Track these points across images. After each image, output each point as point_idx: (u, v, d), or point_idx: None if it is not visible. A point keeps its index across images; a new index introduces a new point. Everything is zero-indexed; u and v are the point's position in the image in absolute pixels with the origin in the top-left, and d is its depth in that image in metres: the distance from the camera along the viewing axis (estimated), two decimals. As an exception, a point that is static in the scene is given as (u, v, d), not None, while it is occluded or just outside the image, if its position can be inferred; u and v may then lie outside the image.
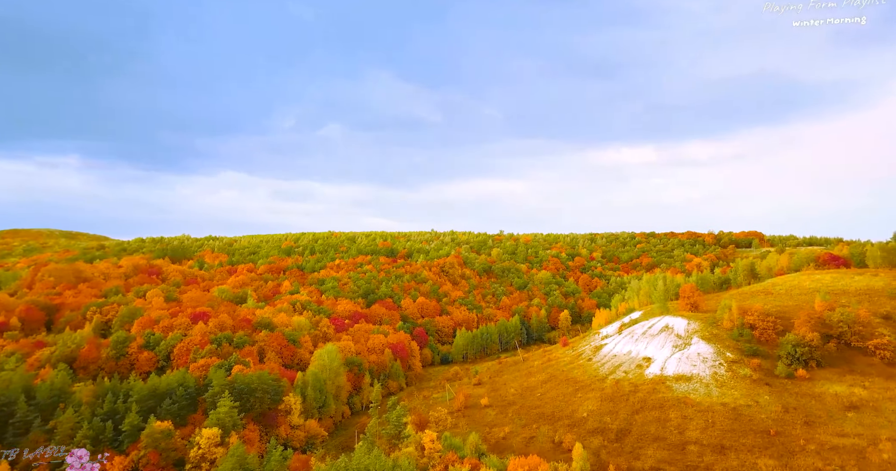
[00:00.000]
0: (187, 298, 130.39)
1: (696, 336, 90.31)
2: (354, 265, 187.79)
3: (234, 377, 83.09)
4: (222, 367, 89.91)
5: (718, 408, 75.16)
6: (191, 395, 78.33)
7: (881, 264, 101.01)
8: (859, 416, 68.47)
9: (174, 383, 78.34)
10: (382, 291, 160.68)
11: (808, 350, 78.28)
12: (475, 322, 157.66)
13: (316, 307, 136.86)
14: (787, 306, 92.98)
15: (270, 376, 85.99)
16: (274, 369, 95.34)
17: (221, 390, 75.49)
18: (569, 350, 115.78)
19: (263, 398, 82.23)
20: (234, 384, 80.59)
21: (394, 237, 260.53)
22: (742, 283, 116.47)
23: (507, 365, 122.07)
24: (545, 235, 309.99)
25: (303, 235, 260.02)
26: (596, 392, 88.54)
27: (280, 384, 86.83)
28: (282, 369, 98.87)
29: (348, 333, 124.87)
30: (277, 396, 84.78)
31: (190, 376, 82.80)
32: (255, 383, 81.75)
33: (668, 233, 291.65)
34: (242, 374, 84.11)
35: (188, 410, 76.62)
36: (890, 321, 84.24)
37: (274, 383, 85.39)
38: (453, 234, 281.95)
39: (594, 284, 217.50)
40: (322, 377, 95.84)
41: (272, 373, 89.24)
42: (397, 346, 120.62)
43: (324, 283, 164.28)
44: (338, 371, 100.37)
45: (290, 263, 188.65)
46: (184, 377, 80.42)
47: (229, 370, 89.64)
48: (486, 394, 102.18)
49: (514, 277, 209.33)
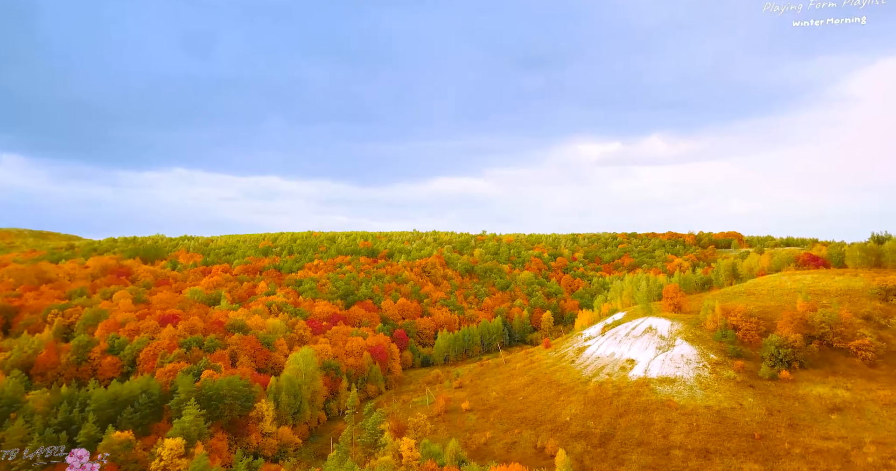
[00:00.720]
0: (157, 299, 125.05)
1: (680, 337, 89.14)
2: (334, 266, 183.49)
3: (203, 383, 78.96)
4: (191, 372, 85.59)
5: (703, 411, 73.86)
6: (155, 402, 74.02)
7: (860, 265, 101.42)
8: (843, 418, 67.74)
9: (137, 389, 73.92)
10: (362, 292, 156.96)
11: (792, 351, 77.58)
12: (457, 323, 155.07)
13: (292, 309, 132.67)
14: (769, 307, 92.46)
15: (242, 382, 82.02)
16: (246, 373, 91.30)
17: (188, 398, 71.35)
18: (551, 352, 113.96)
19: (234, 405, 78.28)
20: (203, 391, 76.49)
21: (375, 237, 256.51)
22: (724, 283, 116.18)
23: (489, 367, 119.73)
24: (527, 235, 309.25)
25: (281, 235, 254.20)
26: (579, 395, 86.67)
27: (252, 390, 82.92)
28: (255, 373, 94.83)
29: (326, 335, 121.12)
30: (249, 402, 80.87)
31: (155, 382, 78.40)
32: (224, 389, 77.76)
33: (649, 233, 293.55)
34: (212, 379, 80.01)
35: (152, 418, 72.35)
36: (870, 322, 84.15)
37: (245, 388, 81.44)
38: (435, 234, 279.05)
39: (576, 285, 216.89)
40: (297, 382, 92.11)
41: (244, 378, 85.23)
42: (376, 349, 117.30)
43: (301, 284, 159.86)
44: (313, 375, 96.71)
45: (266, 263, 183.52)
46: (148, 384, 76.02)
47: (198, 376, 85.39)
48: (467, 398, 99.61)
49: (496, 277, 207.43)
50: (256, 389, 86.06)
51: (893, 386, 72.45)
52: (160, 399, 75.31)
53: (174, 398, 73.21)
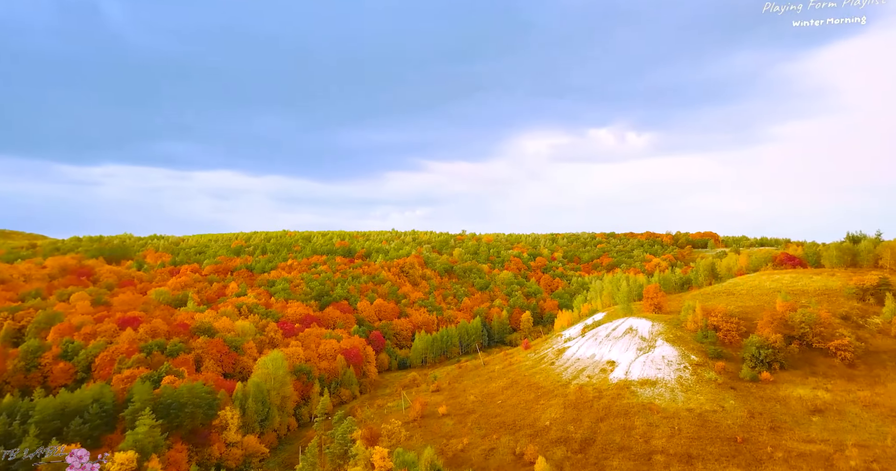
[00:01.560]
0: (118, 301, 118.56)
1: (661, 338, 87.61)
2: (308, 266, 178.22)
3: (163, 390, 73.96)
4: (150, 379, 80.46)
5: (684, 414, 72.19)
6: (108, 412, 68.80)
7: (836, 264, 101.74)
8: (824, 420, 66.77)
9: (88, 398, 68.61)
10: (337, 292, 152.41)
11: (772, 352, 76.62)
12: (435, 324, 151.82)
13: (263, 310, 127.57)
14: (748, 307, 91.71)
15: (205, 388, 77.23)
16: (211, 379, 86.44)
17: (143, 406, 66.40)
18: (531, 353, 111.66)
19: (195, 413, 73.48)
20: (161, 399, 71.53)
21: (352, 236, 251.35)
22: (703, 283, 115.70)
23: (468, 370, 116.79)
24: (507, 234, 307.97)
25: (255, 234, 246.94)
26: (559, 399, 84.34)
27: (216, 397, 78.17)
28: (220, 378, 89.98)
29: (298, 338, 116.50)
30: (212, 410, 76.15)
31: (109, 389, 73.06)
32: (185, 397, 72.93)
33: (627, 233, 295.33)
34: (171, 387, 75.05)
35: (103, 430, 67.18)
36: (848, 321, 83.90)
37: (208, 395, 76.68)
38: (414, 233, 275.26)
39: (556, 285, 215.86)
40: (265, 387, 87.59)
41: (208, 384, 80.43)
42: (351, 351, 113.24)
43: (274, 284, 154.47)
44: (283, 380, 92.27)
45: (238, 263, 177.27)
46: (101, 392, 70.71)
47: (158, 382, 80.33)
48: (444, 401, 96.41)
49: (475, 277, 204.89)
50: (221, 395, 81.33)
51: (872, 387, 71.98)
52: (114, 408, 70.11)
53: (129, 407, 68.13)
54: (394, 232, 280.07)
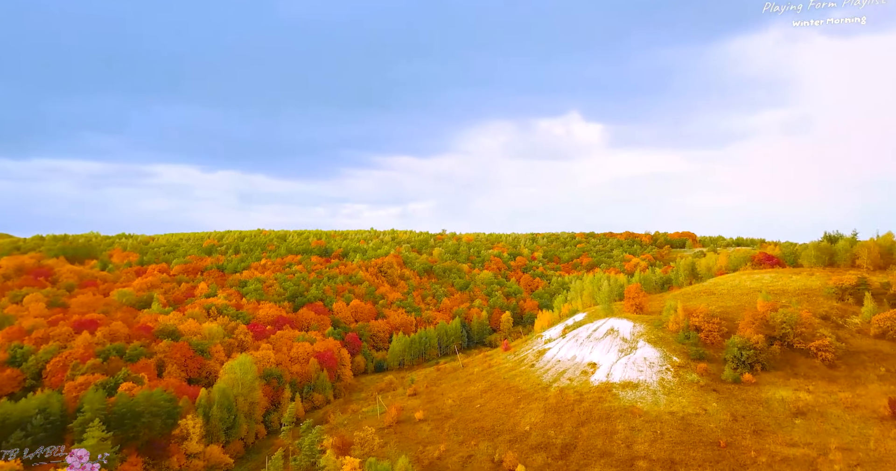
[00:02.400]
0: (77, 303, 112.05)
1: (642, 339, 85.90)
2: (282, 265, 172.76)
3: (118, 399, 68.91)
4: (106, 386, 75.20)
5: (667, 417, 70.36)
6: (55, 423, 63.61)
7: (815, 264, 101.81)
8: (807, 423, 65.60)
9: (32, 408, 63.31)
10: (312, 293, 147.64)
11: (754, 353, 75.47)
12: (413, 326, 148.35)
13: (234, 312, 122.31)
14: (730, 307, 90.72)
15: (164, 395, 72.35)
16: (173, 385, 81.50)
17: (93, 417, 61.40)
18: (510, 355, 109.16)
19: (152, 423, 68.64)
20: (115, 408, 66.54)
21: (329, 236, 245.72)
22: (683, 283, 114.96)
23: (446, 372, 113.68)
24: (487, 234, 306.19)
25: (228, 233, 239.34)
26: (539, 402, 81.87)
27: (176, 405, 73.34)
28: (184, 384, 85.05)
29: (269, 340, 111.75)
30: (171, 419, 71.35)
31: (57, 398, 67.75)
32: (141, 406, 68.03)
33: (606, 233, 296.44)
34: (127, 394, 70.04)
35: (49, 442, 61.84)
36: (828, 321, 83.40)
37: (168, 403, 71.83)
38: (394, 232, 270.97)
39: (536, 285, 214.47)
40: (231, 393, 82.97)
41: (168, 390, 75.53)
42: (325, 354, 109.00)
43: (246, 284, 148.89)
44: (252, 385, 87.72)
45: (209, 262, 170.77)
46: (47, 401, 65.40)
47: (115, 389, 75.09)
48: (421, 406, 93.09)
49: (455, 277, 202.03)
50: (184, 403, 76.51)
51: (853, 388, 71.24)
52: (62, 419, 64.91)
53: (78, 418, 63.02)
54: (372, 231, 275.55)
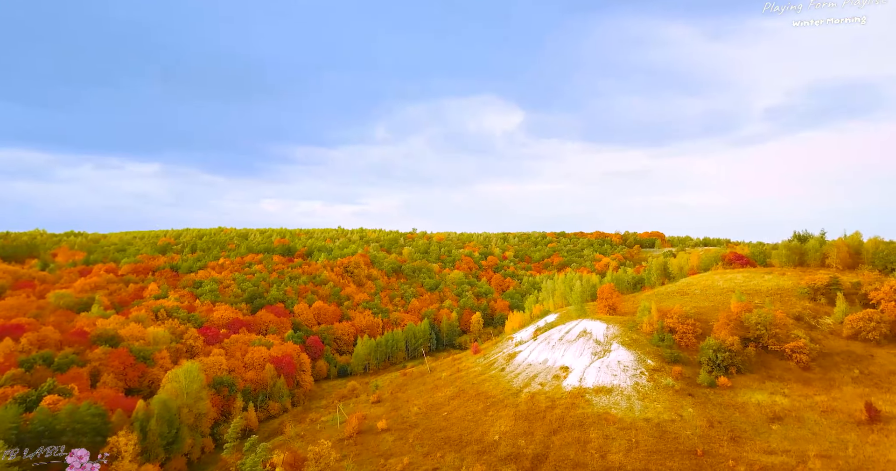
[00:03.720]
0: (4, 306, 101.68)
1: (616, 342, 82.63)
2: (241, 265, 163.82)
3: (35, 415, 60.87)
4: (26, 399, 66.83)
5: (642, 424, 66.93)
6: (-43, 446, 55.17)
7: (785, 263, 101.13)
8: (784, 429, 63.16)
9: (-70, 430, 54.78)
10: (272, 294, 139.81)
11: (729, 355, 73.04)
12: (380, 328, 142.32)
13: (185, 314, 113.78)
14: (703, 307, 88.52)
15: (92, 410, 64.53)
16: (107, 397, 73.53)
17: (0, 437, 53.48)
18: (480, 359, 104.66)
19: (77, 442, 60.78)
20: (30, 426, 58.59)
21: (294, 234, 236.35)
22: (656, 282, 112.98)
23: (413, 377, 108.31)
24: (458, 233, 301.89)
25: (186, 231, 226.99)
26: (509, 409, 77.44)
27: (106, 420, 65.62)
28: (120, 396, 77.04)
29: (222, 345, 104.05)
30: (100, 436, 63.63)
31: (-37, 416, 59.14)
32: (63, 423, 60.23)
33: (577, 233, 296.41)
34: (48, 409, 62.04)
35: (-52, 469, 53.63)
36: (801, 322, 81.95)
37: (96, 418, 64.07)
38: (362, 231, 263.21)
39: (507, 285, 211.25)
40: (175, 404, 75.42)
41: (99, 403, 67.64)
42: (283, 359, 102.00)
43: (201, 285, 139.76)
44: (198, 395, 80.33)
45: (162, 262, 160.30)
46: (-51, 420, 56.85)
47: (37, 403, 66.74)
48: (384, 414, 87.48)
49: (425, 277, 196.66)
50: (117, 417, 68.75)
51: (828, 391, 69.46)
52: (-34, 441, 56.47)
53: (-16, 439, 54.85)
54: (339, 230, 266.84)
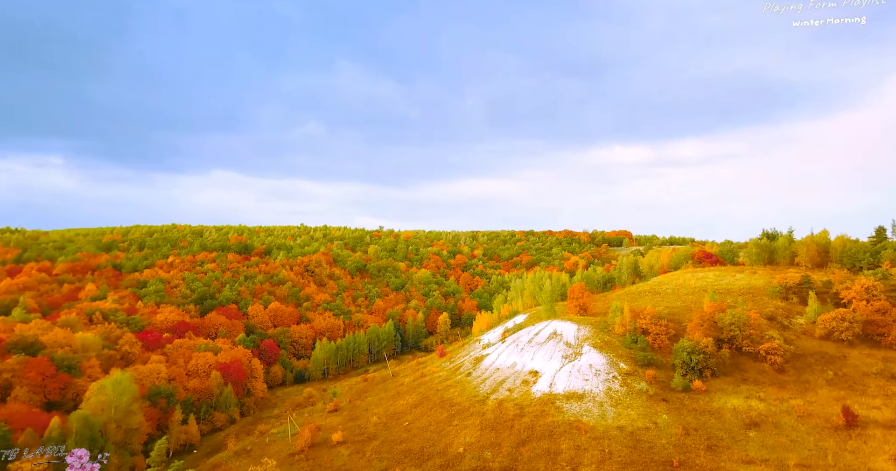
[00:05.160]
0: None
1: (588, 344, 78.52)
2: (193, 264, 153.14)
3: (-80, 440, 51.70)
4: (-86, 420, 57.14)
5: (615, 433, 62.74)
6: None
7: (755, 261, 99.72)
8: (762, 436, 60.07)
9: None
10: (225, 295, 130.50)
11: (703, 358, 69.89)
12: (341, 330, 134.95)
13: (124, 317, 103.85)
14: (676, 307, 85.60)
15: (-6, 431, 55.65)
16: (17, 412, 64.33)
17: None
18: (446, 362, 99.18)
19: (-29, 470, 52.02)
20: (-89, 454, 49.34)
21: (252, 232, 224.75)
22: (626, 281, 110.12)
23: (374, 383, 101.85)
24: (427, 231, 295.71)
25: (135, 228, 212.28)
26: (475, 418, 72.15)
27: (9, 442, 56.75)
28: (35, 411, 67.89)
29: (164, 351, 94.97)
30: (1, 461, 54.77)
31: None
32: (-47, 449, 51.16)
33: (546, 231, 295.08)
34: (-64, 433, 52.89)
35: None
36: (774, 322, 79.81)
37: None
38: (326, 229, 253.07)
39: (475, 284, 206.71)
40: (98, 420, 66.79)
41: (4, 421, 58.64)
42: (231, 366, 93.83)
43: (145, 285, 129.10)
44: (129, 408, 71.75)
45: (104, 260, 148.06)
46: None
47: (-71, 424, 57.23)
48: (341, 425, 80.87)
49: (391, 276, 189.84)
50: (26, 436, 59.88)
51: (804, 394, 67.07)
52: None
53: None
54: (302, 227, 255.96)
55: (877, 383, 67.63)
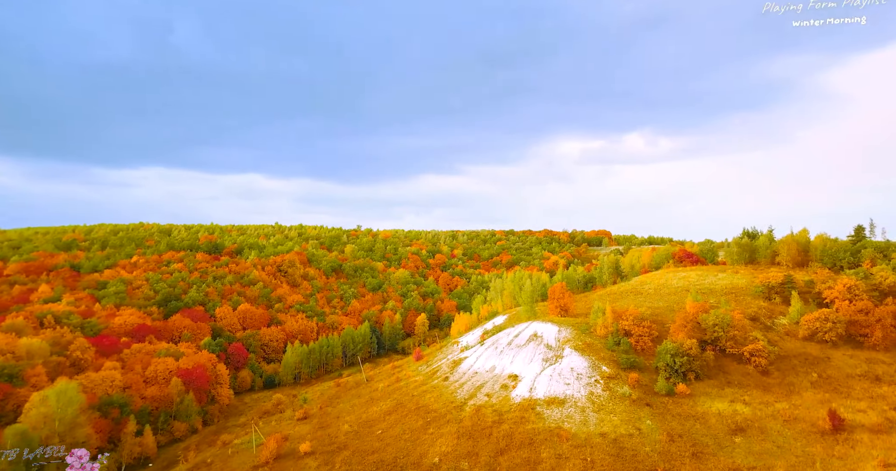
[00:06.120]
0: None
1: (569, 346, 75.67)
2: (159, 264, 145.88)
3: None
4: None
5: (597, 441, 59.86)
6: None
7: (737, 261, 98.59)
8: (748, 442, 57.88)
9: None
10: (191, 296, 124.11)
11: (688, 360, 67.63)
12: (315, 333, 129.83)
13: (78, 321, 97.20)
14: (659, 308, 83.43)
15: (-87, 451, 49.60)
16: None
17: None
18: (422, 366, 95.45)
19: None
20: None
21: (224, 231, 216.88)
22: (608, 281, 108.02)
23: (347, 388, 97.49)
24: (406, 231, 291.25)
25: (99, 227, 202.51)
26: (452, 425, 68.54)
27: (-68, 464, 50.82)
28: (-32, 427, 61.58)
29: (121, 356, 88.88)
30: None
31: None
32: None
33: (526, 231, 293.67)
34: None
35: None
36: (757, 323, 78.20)
37: (-83, 463, 49.26)
38: (301, 228, 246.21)
39: (455, 284, 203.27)
40: (38, 435, 61.06)
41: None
42: (193, 371, 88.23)
43: (105, 286, 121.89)
44: (75, 421, 65.99)
45: (61, 260, 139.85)
46: None
47: None
48: (310, 434, 76.38)
49: (367, 276, 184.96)
50: (-46, 456, 53.84)
51: (789, 397, 65.32)
52: None
53: None
54: (276, 226, 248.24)
55: (861, 386, 66.33)
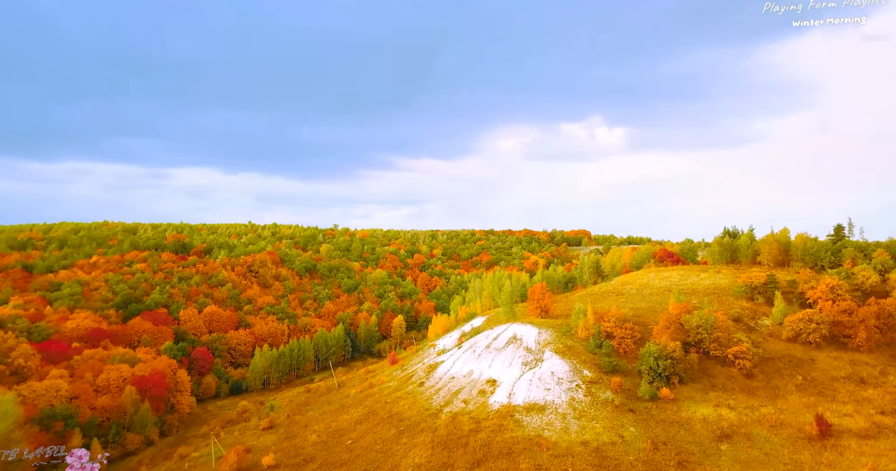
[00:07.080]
0: None
1: (549, 349, 72.54)
2: (119, 264, 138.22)
3: None
4: None
5: (579, 450, 56.69)
6: None
7: (718, 260, 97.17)
8: (734, 449, 55.46)
9: None
10: (153, 298, 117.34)
11: (671, 363, 65.15)
12: (285, 336, 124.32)
13: (25, 325, 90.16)
14: (641, 309, 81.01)
15: None
16: None
17: None
18: (397, 370, 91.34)
19: None
20: None
21: (194, 229, 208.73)
22: (588, 281, 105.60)
23: (318, 394, 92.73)
24: (385, 230, 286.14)
25: (60, 225, 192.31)
26: (426, 435, 64.65)
27: None
28: None
29: (70, 363, 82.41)
30: None
31: None
32: None
33: (506, 231, 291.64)
34: None
35: None
36: (740, 324, 76.32)
37: None
38: (275, 227, 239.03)
39: (433, 284, 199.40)
40: (-33, 455, 54.86)
41: None
42: (150, 379, 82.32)
43: (59, 287, 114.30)
44: (9, 436, 59.86)
45: (13, 260, 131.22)
46: None
47: None
48: (274, 445, 71.61)
49: (343, 277, 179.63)
50: None
51: (774, 401, 63.29)
52: None
53: None
54: (249, 225, 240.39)
55: (846, 388, 64.73)
